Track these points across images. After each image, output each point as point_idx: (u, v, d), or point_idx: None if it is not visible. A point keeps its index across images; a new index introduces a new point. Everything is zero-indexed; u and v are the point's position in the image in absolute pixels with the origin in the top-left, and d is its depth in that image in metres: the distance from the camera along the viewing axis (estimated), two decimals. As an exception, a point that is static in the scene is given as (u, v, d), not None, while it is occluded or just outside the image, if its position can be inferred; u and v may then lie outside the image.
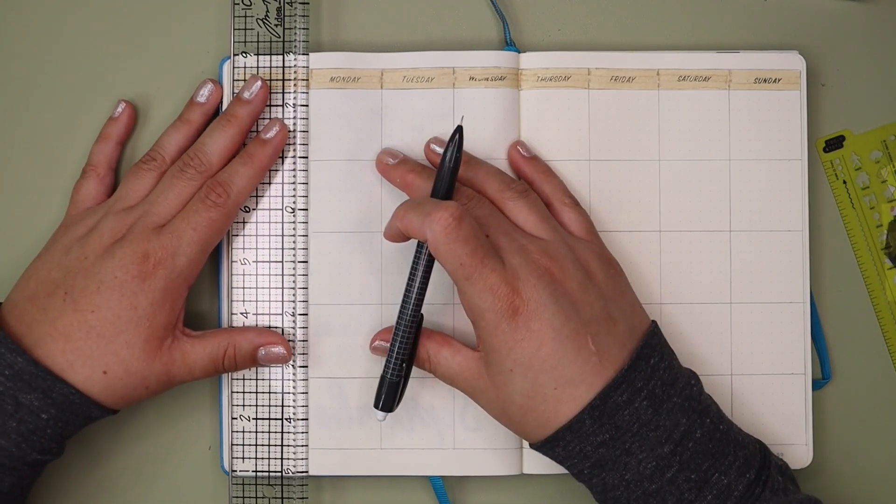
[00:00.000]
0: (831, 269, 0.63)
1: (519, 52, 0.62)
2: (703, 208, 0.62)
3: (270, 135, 0.60)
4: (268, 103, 0.61)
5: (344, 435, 0.61)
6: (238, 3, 0.61)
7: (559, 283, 0.54)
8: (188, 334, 0.58)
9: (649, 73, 0.62)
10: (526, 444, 0.61)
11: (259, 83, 0.60)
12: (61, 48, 0.63)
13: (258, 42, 0.62)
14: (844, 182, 0.64)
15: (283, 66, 0.61)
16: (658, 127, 0.62)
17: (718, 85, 0.62)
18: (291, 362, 0.61)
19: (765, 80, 0.62)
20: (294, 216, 0.61)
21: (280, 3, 0.61)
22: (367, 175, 0.61)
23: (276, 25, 0.62)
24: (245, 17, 0.62)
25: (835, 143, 0.64)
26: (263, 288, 0.61)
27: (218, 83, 0.61)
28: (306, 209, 0.61)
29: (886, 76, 0.64)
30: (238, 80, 0.61)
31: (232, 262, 0.61)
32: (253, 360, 0.59)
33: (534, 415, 0.54)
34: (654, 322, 0.57)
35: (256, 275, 0.61)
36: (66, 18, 0.64)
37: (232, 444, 0.61)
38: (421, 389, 0.61)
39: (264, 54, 0.61)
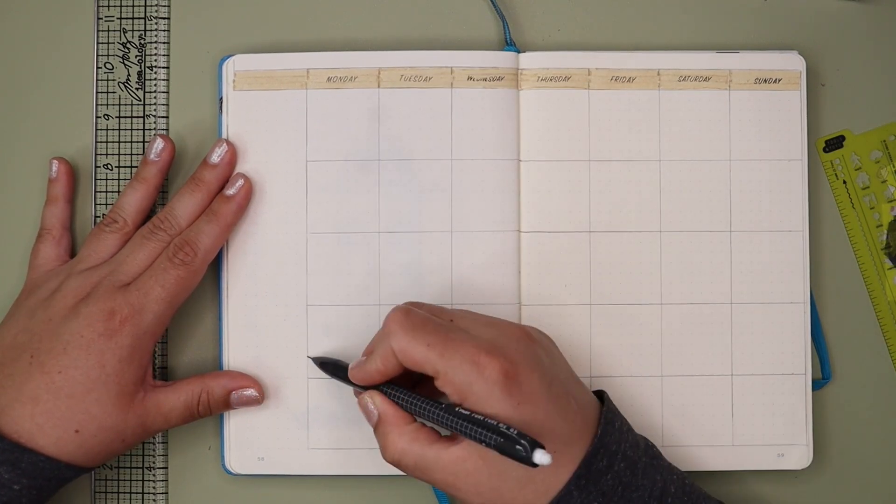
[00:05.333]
0: (831, 269, 0.63)
1: (519, 52, 0.62)
2: (703, 208, 0.62)
3: (233, 191, 0.60)
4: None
5: (344, 435, 0.61)
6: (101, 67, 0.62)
7: (536, 344, 0.54)
8: (159, 385, 0.58)
9: (650, 74, 0.62)
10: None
11: (225, 146, 0.60)
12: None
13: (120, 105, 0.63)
14: (844, 182, 0.64)
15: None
16: (658, 127, 0.62)
17: (719, 85, 0.62)
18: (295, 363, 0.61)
19: (765, 81, 0.62)
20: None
21: (140, 68, 0.62)
22: (364, 175, 0.61)
23: (137, 89, 0.62)
24: (107, 80, 0.63)
25: (835, 143, 0.64)
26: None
27: (168, 138, 0.61)
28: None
29: (886, 76, 0.64)
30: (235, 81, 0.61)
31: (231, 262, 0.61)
32: (226, 405, 0.59)
33: (532, 487, 0.51)
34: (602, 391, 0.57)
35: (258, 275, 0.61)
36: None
37: (232, 444, 0.61)
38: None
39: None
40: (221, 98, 0.61)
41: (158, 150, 0.61)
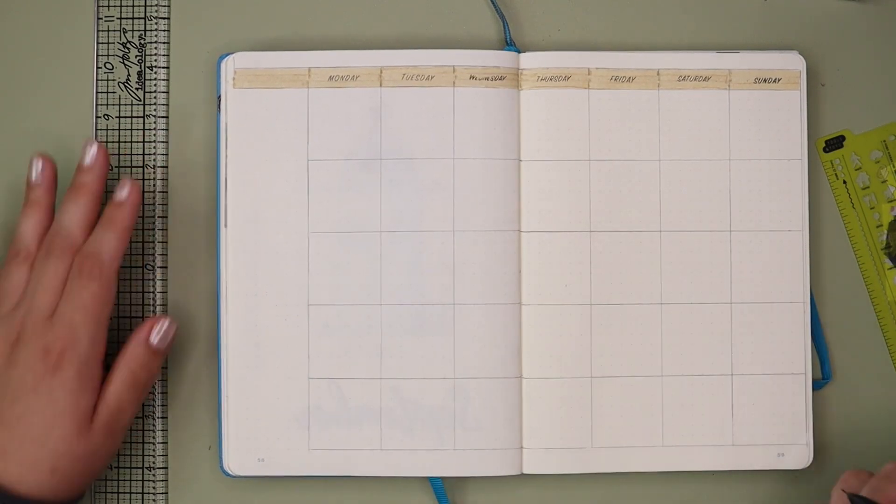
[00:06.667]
0: (831, 269, 0.63)
1: (519, 52, 0.62)
2: (703, 208, 0.62)
3: (123, 195, 0.58)
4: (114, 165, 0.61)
5: (344, 435, 0.61)
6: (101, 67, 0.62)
7: None
8: (103, 386, 0.57)
9: (649, 73, 0.62)
10: (526, 443, 0.61)
11: (95, 146, 0.59)
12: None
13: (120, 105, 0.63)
14: (844, 182, 0.64)
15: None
16: (658, 127, 0.62)
17: (718, 85, 0.62)
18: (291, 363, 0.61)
19: (765, 80, 0.62)
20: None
21: (140, 68, 0.62)
22: (366, 174, 0.61)
23: (137, 89, 0.62)
24: (107, 80, 0.63)
25: (835, 143, 0.64)
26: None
27: (47, 157, 0.59)
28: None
29: (886, 76, 0.64)
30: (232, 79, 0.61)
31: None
32: (154, 353, 0.58)
33: None
34: None
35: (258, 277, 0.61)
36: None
37: (232, 445, 0.61)
38: (420, 392, 0.61)
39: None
40: (220, 96, 0.61)
41: (39, 170, 0.59)
